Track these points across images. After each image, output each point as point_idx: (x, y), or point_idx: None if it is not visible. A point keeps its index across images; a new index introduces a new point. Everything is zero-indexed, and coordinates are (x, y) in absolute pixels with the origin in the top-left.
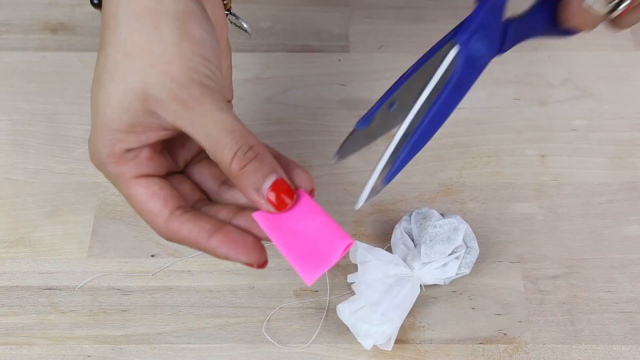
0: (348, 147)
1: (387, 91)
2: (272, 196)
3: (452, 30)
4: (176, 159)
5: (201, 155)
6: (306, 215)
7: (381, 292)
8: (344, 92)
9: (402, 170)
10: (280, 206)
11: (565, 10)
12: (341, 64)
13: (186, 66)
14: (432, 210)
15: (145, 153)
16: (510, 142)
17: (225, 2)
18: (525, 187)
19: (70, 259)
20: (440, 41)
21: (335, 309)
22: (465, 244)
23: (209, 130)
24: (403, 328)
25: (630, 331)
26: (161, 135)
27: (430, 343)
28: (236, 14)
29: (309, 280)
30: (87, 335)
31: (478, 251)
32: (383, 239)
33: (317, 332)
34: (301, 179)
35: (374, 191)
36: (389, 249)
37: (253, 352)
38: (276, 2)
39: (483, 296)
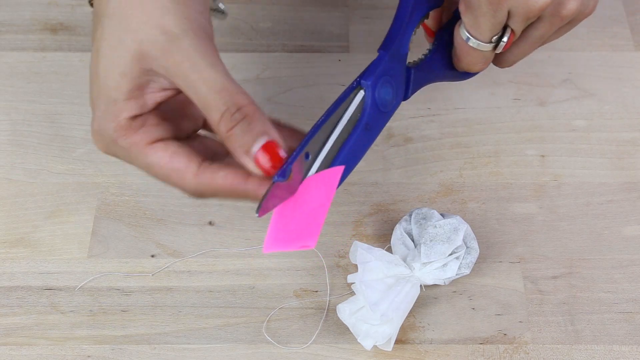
0: (269, 200)
1: (302, 142)
2: (262, 158)
3: (357, 77)
4: (181, 130)
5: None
6: (316, 193)
7: (381, 292)
8: None
9: (403, 170)
10: (268, 170)
11: (455, 52)
12: (341, 64)
13: (181, 15)
14: (432, 211)
15: (152, 120)
16: (510, 142)
17: None
18: (525, 187)
19: (70, 259)
20: (347, 89)
21: (335, 309)
22: (465, 244)
23: (198, 88)
24: (403, 328)
25: (631, 331)
26: (160, 96)
27: (430, 343)
28: None
29: (265, 249)
30: (87, 336)
31: (478, 251)
32: (383, 239)
33: (317, 332)
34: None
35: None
36: (389, 249)
37: (253, 353)
38: (276, 3)
39: (483, 296)
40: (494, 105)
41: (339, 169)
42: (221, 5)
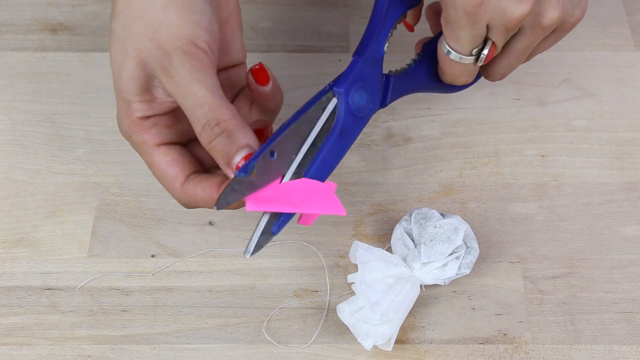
0: (229, 195)
1: (268, 140)
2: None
3: (331, 81)
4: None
5: None
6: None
7: (381, 292)
8: None
9: (402, 170)
10: None
11: (439, 64)
12: (341, 64)
13: (171, 33)
14: (432, 211)
15: (165, 121)
16: (510, 142)
17: None
18: (525, 187)
19: (70, 259)
20: (319, 92)
21: (335, 309)
22: (466, 244)
23: (184, 101)
24: (403, 328)
25: (631, 331)
26: (169, 102)
27: (430, 343)
28: None
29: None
30: (87, 336)
31: (478, 251)
32: (383, 239)
33: (317, 332)
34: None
35: (266, 240)
36: (389, 249)
37: (253, 353)
38: (276, 2)
39: (483, 296)
40: (494, 105)
41: (332, 186)
42: None
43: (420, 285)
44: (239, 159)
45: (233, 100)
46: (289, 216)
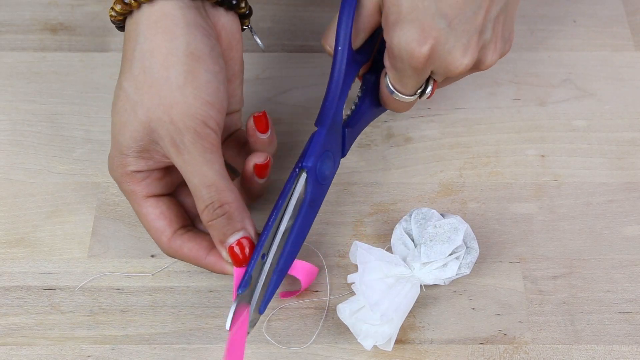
0: (237, 312)
1: (257, 246)
2: (235, 250)
3: (299, 159)
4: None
5: None
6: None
7: (381, 292)
8: None
9: (403, 170)
10: (239, 262)
11: (381, 96)
12: None
13: (186, 112)
14: (432, 211)
15: (156, 174)
16: (510, 143)
17: (245, 21)
18: (525, 187)
19: (70, 259)
20: (292, 173)
21: (335, 309)
22: (465, 244)
23: (192, 178)
24: (403, 328)
25: (631, 331)
26: (166, 163)
27: (430, 343)
28: (253, 28)
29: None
30: (87, 336)
31: (478, 251)
32: (383, 239)
33: (317, 332)
34: (257, 158)
35: (253, 322)
36: (389, 249)
37: (253, 353)
38: (276, 2)
39: (483, 296)
40: (494, 105)
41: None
42: (258, 40)
43: (420, 286)
44: (233, 240)
45: (225, 140)
46: (272, 294)
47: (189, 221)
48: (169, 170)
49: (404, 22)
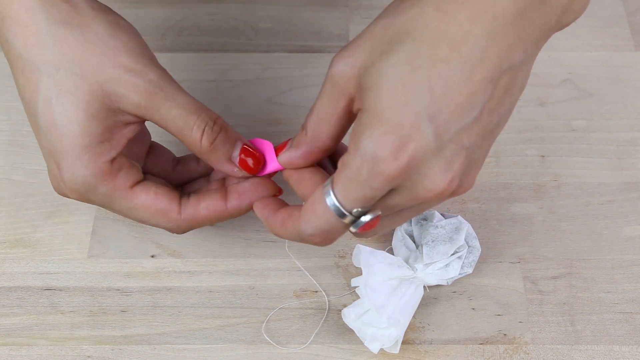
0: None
1: None
2: (245, 160)
3: None
4: (136, 156)
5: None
6: None
7: (386, 294)
8: None
9: None
10: (253, 169)
11: (305, 206)
12: None
13: (134, 53)
14: (433, 211)
15: (126, 162)
16: (510, 143)
17: None
18: (525, 187)
19: (70, 259)
20: None
21: (335, 310)
22: (467, 243)
23: (174, 112)
24: None
25: (631, 332)
26: (128, 132)
27: (431, 344)
28: None
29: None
30: (87, 336)
31: (480, 250)
32: (383, 239)
33: (316, 332)
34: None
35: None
36: (390, 251)
37: (253, 353)
38: (276, 3)
39: (483, 297)
40: None
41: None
42: None
43: (424, 286)
44: (237, 152)
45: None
46: None
47: (180, 190)
48: (131, 156)
49: (378, 121)
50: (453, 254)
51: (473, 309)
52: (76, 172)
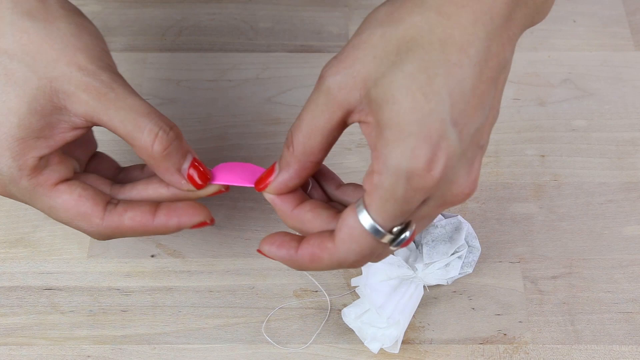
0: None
1: None
2: (193, 174)
3: None
4: (77, 159)
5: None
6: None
7: (386, 294)
8: None
9: None
10: (199, 184)
11: (338, 235)
12: None
13: (91, 55)
14: None
15: (55, 158)
16: (510, 142)
17: None
18: (525, 187)
19: (70, 259)
20: None
21: (335, 309)
22: (467, 243)
23: (125, 114)
24: None
25: (630, 331)
26: (70, 136)
27: (430, 343)
28: None
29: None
30: (87, 336)
31: (480, 250)
32: None
33: (317, 332)
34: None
35: None
36: None
37: (253, 353)
38: (276, 2)
39: (483, 296)
40: None
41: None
42: None
43: (424, 286)
44: (187, 165)
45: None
46: None
47: (109, 196)
48: (65, 154)
49: (405, 136)
50: (453, 254)
51: (473, 308)
52: (2, 161)
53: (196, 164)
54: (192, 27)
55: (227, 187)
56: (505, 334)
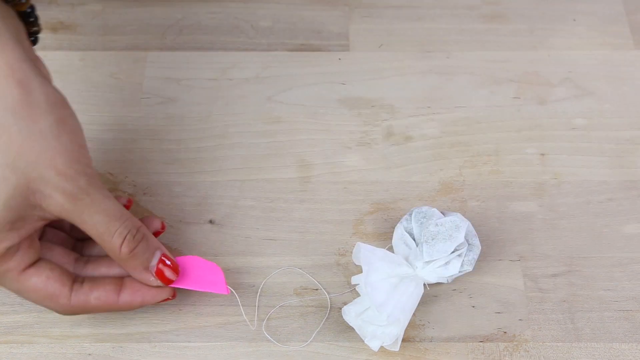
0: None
1: None
2: (162, 271)
3: None
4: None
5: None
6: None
7: (386, 292)
8: (344, 91)
9: (403, 169)
10: (168, 279)
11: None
12: (341, 63)
13: (70, 158)
14: (433, 209)
15: (26, 243)
16: (510, 141)
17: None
18: (525, 185)
19: None
20: None
21: (335, 307)
22: (467, 241)
23: (97, 218)
24: None
25: (630, 329)
26: (40, 225)
27: (431, 341)
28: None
29: (227, 290)
30: (88, 334)
31: (480, 248)
32: (383, 237)
33: (317, 330)
34: (154, 224)
35: None
36: (390, 249)
37: (253, 351)
38: (276, 1)
39: (483, 294)
40: (494, 104)
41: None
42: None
43: (424, 284)
44: (155, 262)
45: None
46: None
47: (74, 274)
48: (34, 236)
49: None
50: (453, 252)
51: (473, 306)
52: None
53: (164, 260)
54: (192, 26)
55: (174, 295)
56: (505, 332)
